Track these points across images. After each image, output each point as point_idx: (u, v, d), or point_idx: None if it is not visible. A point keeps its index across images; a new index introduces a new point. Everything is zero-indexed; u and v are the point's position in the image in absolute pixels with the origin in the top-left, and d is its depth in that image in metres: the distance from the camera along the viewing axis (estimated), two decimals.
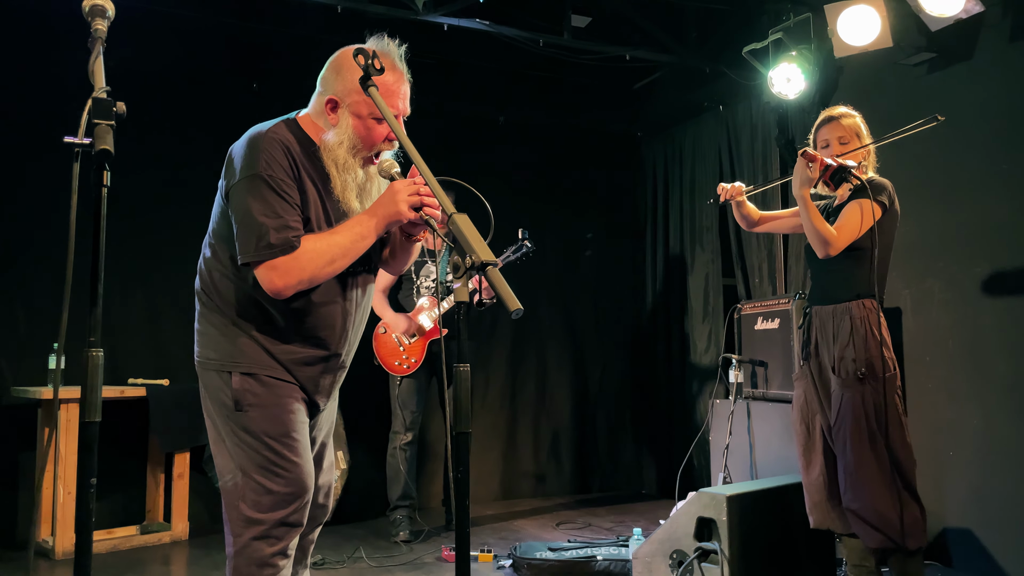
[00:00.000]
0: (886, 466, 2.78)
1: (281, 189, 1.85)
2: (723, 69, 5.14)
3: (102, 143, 1.21)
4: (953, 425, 3.84)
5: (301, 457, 1.93)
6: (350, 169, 1.94)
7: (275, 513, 1.88)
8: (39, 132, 4.27)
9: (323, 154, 1.94)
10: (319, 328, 1.97)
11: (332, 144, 1.94)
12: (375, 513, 4.99)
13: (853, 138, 3.03)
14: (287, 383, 1.95)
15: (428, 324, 4.49)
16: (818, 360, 3.02)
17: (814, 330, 3.04)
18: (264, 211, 1.82)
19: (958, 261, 3.90)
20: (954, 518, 3.81)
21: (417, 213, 1.86)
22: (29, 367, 4.35)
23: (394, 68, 1.95)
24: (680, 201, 6.00)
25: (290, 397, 1.95)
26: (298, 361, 1.96)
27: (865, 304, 2.90)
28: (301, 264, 1.83)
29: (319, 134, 1.96)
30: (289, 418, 1.93)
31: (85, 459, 1.22)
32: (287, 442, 1.91)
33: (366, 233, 1.88)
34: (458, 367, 1.48)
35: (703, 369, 5.63)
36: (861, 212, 2.88)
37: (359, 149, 1.95)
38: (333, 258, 1.87)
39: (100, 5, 1.60)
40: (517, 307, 1.38)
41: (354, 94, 1.91)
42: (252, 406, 1.90)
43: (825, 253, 2.90)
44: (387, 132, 1.94)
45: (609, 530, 4.66)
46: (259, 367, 1.92)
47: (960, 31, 3.84)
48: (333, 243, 1.87)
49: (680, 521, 3.24)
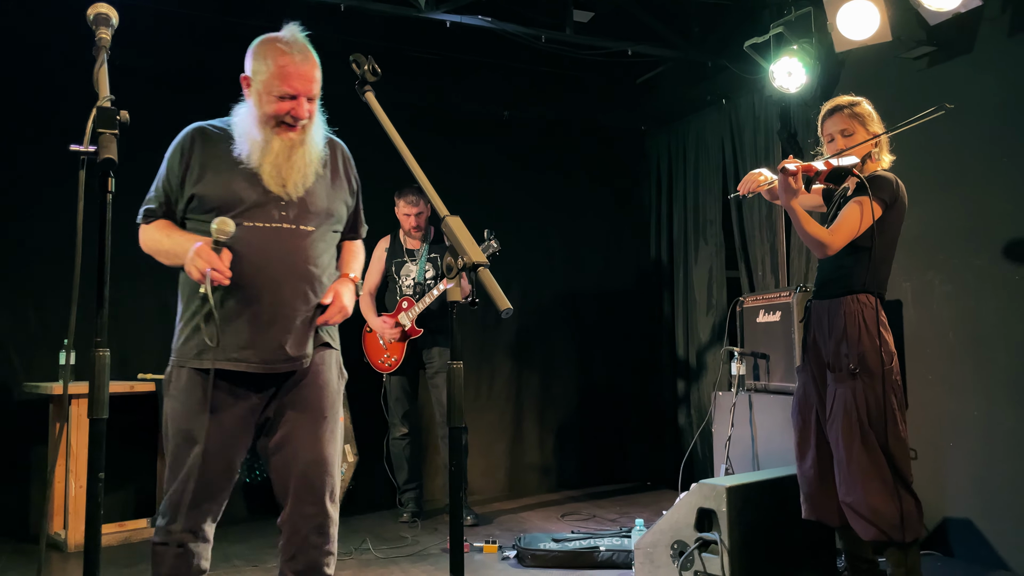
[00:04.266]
0: (880, 460, 2.79)
1: (165, 171, 2.24)
2: (725, 63, 5.16)
3: (106, 152, 1.26)
4: (954, 416, 3.87)
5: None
6: (257, 137, 2.18)
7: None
8: (49, 131, 4.34)
9: (233, 127, 2.23)
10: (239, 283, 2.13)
11: (238, 118, 2.25)
12: (382, 505, 5.05)
13: (858, 129, 2.97)
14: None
15: (407, 324, 4.67)
16: (816, 354, 3.04)
17: (812, 324, 3.07)
18: (152, 186, 2.28)
19: (958, 254, 3.92)
20: (955, 508, 3.84)
21: (193, 277, 2.05)
22: (40, 363, 4.42)
23: (286, 53, 2.17)
24: (684, 194, 6.03)
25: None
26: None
27: (860, 299, 2.89)
28: (144, 240, 2.26)
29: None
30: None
31: (94, 455, 1.27)
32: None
33: (179, 254, 2.14)
34: (451, 364, 1.52)
35: (707, 361, 5.66)
36: (861, 211, 2.84)
37: (264, 121, 2.19)
38: (155, 251, 2.23)
39: (104, 14, 1.65)
40: (507, 307, 1.42)
41: (259, 74, 2.17)
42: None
43: (823, 254, 2.90)
44: (289, 108, 2.17)
45: (613, 521, 4.71)
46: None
47: (959, 25, 3.85)
48: (158, 241, 2.22)
49: (681, 512, 3.28)
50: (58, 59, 4.49)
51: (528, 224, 5.88)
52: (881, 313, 2.91)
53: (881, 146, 3.02)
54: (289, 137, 2.19)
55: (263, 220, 2.17)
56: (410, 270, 4.77)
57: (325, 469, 2.27)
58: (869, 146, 2.97)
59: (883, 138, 3.02)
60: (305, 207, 2.24)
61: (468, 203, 5.01)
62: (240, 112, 2.25)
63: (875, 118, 3.03)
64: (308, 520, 2.23)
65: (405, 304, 4.71)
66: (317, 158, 2.26)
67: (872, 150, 2.98)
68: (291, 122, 2.18)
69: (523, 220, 5.85)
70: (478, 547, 4.10)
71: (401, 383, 4.80)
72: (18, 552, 4.06)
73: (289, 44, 2.17)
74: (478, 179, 5.59)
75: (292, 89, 2.15)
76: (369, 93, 1.84)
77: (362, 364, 4.86)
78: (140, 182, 2.34)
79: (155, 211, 2.24)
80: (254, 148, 2.18)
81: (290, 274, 2.19)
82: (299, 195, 2.22)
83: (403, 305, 4.72)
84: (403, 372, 4.77)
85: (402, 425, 4.80)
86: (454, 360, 1.53)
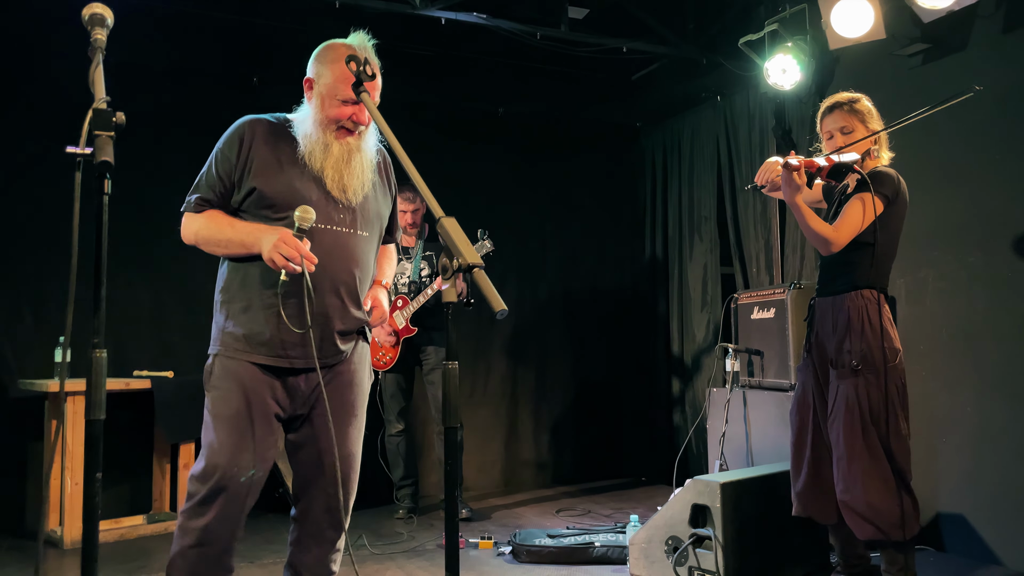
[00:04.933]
0: (880, 458, 2.78)
1: (217, 160, 2.21)
2: (720, 60, 5.17)
3: (103, 154, 1.26)
4: (946, 412, 3.89)
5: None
6: (317, 139, 2.21)
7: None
8: (46, 132, 4.34)
9: (294, 126, 2.25)
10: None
11: (300, 118, 2.26)
12: (377, 501, 5.07)
13: (858, 126, 2.96)
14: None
15: (400, 323, 4.69)
16: (820, 351, 3.02)
17: (816, 322, 3.05)
18: (201, 174, 2.24)
19: (952, 250, 3.94)
20: (947, 503, 3.87)
21: (275, 265, 2.06)
22: (36, 360, 4.42)
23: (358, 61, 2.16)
24: (679, 191, 6.04)
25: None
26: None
27: (864, 295, 2.88)
28: (192, 228, 2.21)
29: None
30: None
31: (91, 456, 1.28)
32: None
33: (249, 243, 2.13)
34: (447, 364, 1.53)
35: (701, 358, 5.68)
36: (863, 207, 2.83)
37: (326, 124, 2.21)
38: (210, 241, 2.19)
39: (100, 14, 1.64)
40: (502, 308, 1.43)
41: (324, 78, 2.21)
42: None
43: (827, 251, 2.89)
44: (351, 112, 2.20)
45: (608, 517, 4.73)
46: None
47: (953, 22, 3.86)
48: (218, 230, 2.18)
49: (675, 508, 3.30)
50: (58, 59, 4.48)
51: (523, 220, 5.89)
52: (885, 309, 2.89)
53: (881, 143, 3.01)
54: (347, 142, 2.23)
55: (324, 222, 2.20)
56: (405, 268, 4.78)
57: (353, 465, 2.34)
58: (869, 143, 2.95)
59: (883, 135, 3.01)
60: (362, 213, 2.29)
61: (463, 200, 5.05)
62: (302, 114, 2.27)
63: (875, 115, 3.02)
64: (330, 514, 2.27)
65: (400, 303, 4.73)
66: (372, 164, 2.31)
67: (872, 147, 2.97)
68: (351, 127, 2.22)
69: (518, 216, 5.85)
70: (473, 543, 4.11)
71: (396, 380, 4.81)
72: (14, 549, 4.06)
73: (356, 51, 2.17)
74: (473, 176, 5.59)
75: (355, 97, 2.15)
76: (365, 94, 1.84)
77: None
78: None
79: (210, 200, 2.21)
80: (315, 150, 2.20)
81: (344, 275, 2.24)
82: (358, 201, 2.27)
83: (397, 304, 4.73)
84: (398, 369, 4.78)
85: (397, 422, 4.82)
86: (449, 360, 1.54)
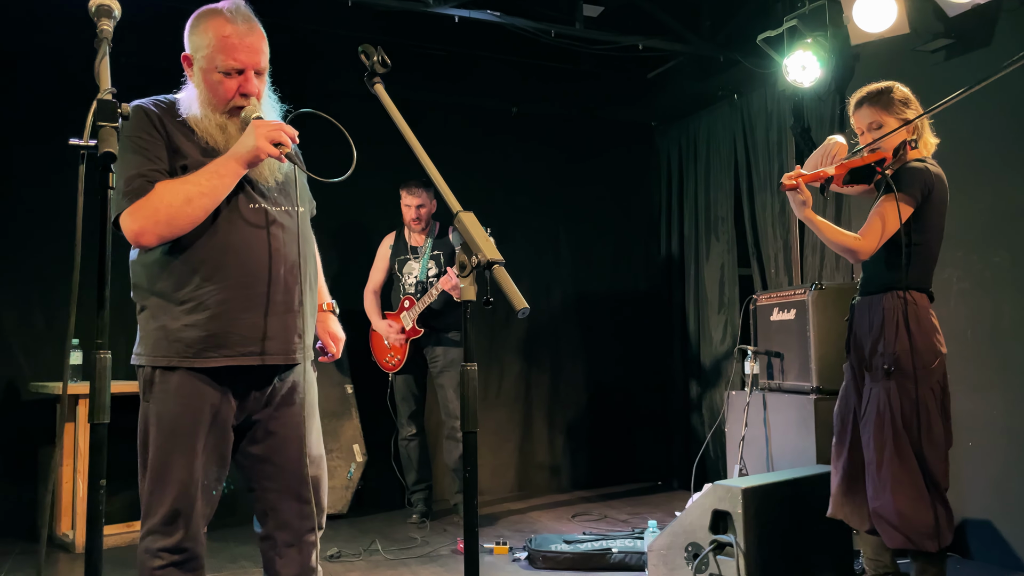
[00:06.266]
0: (911, 465, 2.67)
1: (137, 145, 1.89)
2: (737, 58, 5.09)
3: (106, 146, 1.21)
4: (973, 416, 3.80)
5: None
6: (210, 120, 1.97)
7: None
8: (59, 126, 4.31)
9: (180, 109, 1.98)
10: (242, 272, 1.95)
11: (185, 99, 1.99)
12: (391, 505, 5.01)
13: (887, 119, 2.80)
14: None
15: (408, 324, 4.63)
16: (858, 353, 2.90)
17: (855, 322, 2.93)
18: (124, 170, 1.87)
19: (976, 250, 3.85)
20: (973, 509, 3.78)
21: (276, 149, 1.87)
22: (48, 362, 4.40)
23: (232, 22, 1.96)
24: (695, 191, 5.97)
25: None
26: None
27: (900, 295, 2.75)
28: (154, 204, 1.85)
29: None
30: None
31: (95, 460, 1.23)
32: None
33: (224, 171, 1.89)
34: (464, 366, 1.47)
35: (719, 360, 5.60)
36: (889, 211, 2.70)
37: (214, 104, 1.98)
38: (188, 196, 1.85)
39: (107, 5, 1.60)
40: (523, 306, 1.37)
41: (201, 50, 1.96)
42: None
43: (856, 260, 2.80)
44: (237, 85, 1.96)
45: (625, 522, 4.66)
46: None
47: (978, 16, 3.77)
48: (187, 181, 1.88)
49: (695, 514, 3.23)
50: (66, 59, 4.46)
51: (537, 220, 5.84)
52: (922, 309, 2.76)
53: (921, 130, 2.85)
54: (238, 122, 2.00)
55: (251, 203, 1.98)
56: (412, 268, 4.71)
57: (323, 467, 2.16)
58: (902, 135, 2.79)
59: (921, 121, 2.84)
60: (285, 189, 2.07)
61: (476, 199, 4.96)
62: (186, 98, 2.00)
63: (911, 102, 2.84)
64: (307, 520, 2.08)
65: (407, 303, 4.66)
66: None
67: (909, 137, 2.80)
68: (242, 103, 1.98)
69: (532, 216, 5.80)
70: (488, 548, 4.05)
71: (407, 383, 4.74)
72: (26, 553, 4.03)
73: (232, 13, 1.96)
74: (485, 176, 5.54)
75: (238, 62, 1.95)
76: (378, 85, 1.79)
77: (370, 363, 4.82)
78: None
79: (159, 174, 1.90)
80: (215, 134, 1.97)
81: (288, 258, 2.01)
82: (278, 180, 2.05)
83: (404, 304, 4.67)
84: (408, 371, 4.72)
85: (409, 425, 4.75)
86: (468, 362, 1.47)
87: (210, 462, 1.98)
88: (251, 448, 2.07)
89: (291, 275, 2.01)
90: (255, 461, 2.07)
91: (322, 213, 2.33)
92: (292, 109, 2.12)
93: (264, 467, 2.07)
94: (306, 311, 2.06)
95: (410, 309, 4.64)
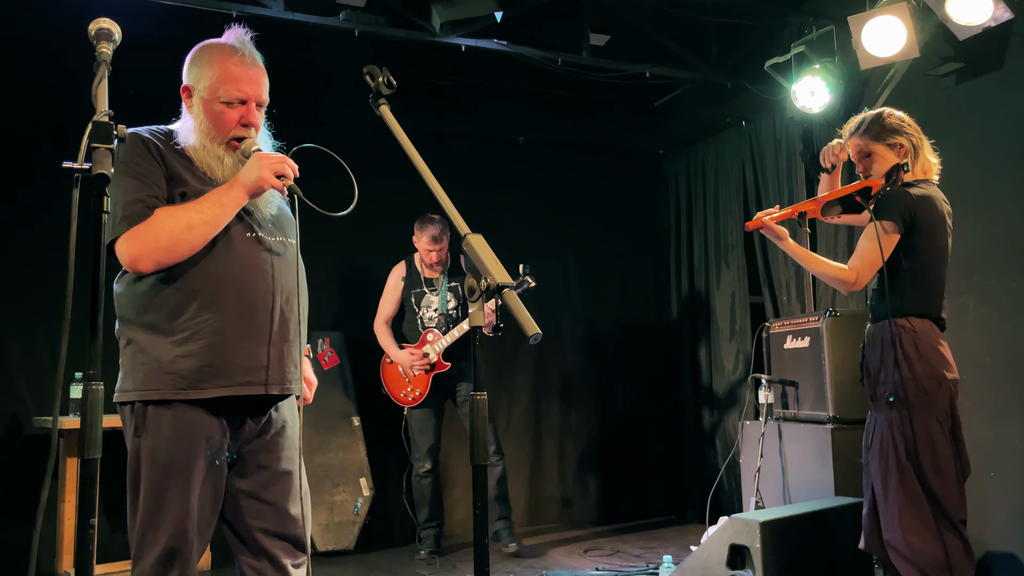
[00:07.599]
0: (918, 497, 2.58)
1: (135, 171, 1.88)
2: (745, 84, 5.07)
3: (100, 167, 1.17)
4: (994, 445, 3.70)
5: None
6: (208, 151, 1.98)
7: None
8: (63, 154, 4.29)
9: (179, 140, 1.99)
10: (240, 300, 1.92)
11: (183, 131, 2.00)
12: (398, 541, 4.91)
13: (875, 146, 2.77)
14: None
15: (433, 356, 4.53)
16: (868, 380, 2.81)
17: (864, 351, 2.85)
18: (122, 195, 1.85)
19: (993, 275, 3.78)
20: (997, 542, 3.67)
21: (279, 181, 1.87)
22: (52, 397, 4.34)
23: (237, 54, 2.00)
24: (704, 218, 5.92)
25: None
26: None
27: (899, 323, 2.67)
28: (154, 230, 1.83)
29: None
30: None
31: (85, 498, 1.16)
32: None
33: (226, 200, 1.89)
34: (475, 395, 1.41)
35: (731, 389, 5.51)
36: (872, 240, 2.65)
37: (214, 135, 1.99)
38: (190, 223, 1.84)
39: (107, 29, 1.58)
40: (536, 332, 1.32)
41: (203, 80, 1.98)
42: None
43: (847, 291, 2.74)
44: (239, 116, 1.98)
45: (638, 557, 4.54)
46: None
47: (989, 39, 3.74)
48: (188, 208, 1.87)
49: (712, 548, 3.14)
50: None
51: (545, 250, 5.79)
52: (924, 336, 2.67)
53: (918, 151, 2.81)
54: (238, 156, 2.01)
55: (248, 232, 1.98)
56: (431, 301, 4.64)
57: (309, 503, 2.09)
58: (895, 159, 2.75)
59: (919, 143, 2.80)
60: (279, 222, 2.08)
61: (484, 229, 4.94)
62: (184, 128, 2.01)
63: (900, 128, 2.79)
64: (294, 555, 2.00)
65: (431, 336, 4.58)
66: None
67: (902, 161, 2.73)
68: (242, 135, 1.99)
69: (540, 246, 5.75)
70: None
71: (425, 416, 4.62)
72: None
73: (236, 48, 2.01)
74: (493, 205, 5.51)
75: (242, 92, 1.98)
76: (384, 107, 1.75)
77: (380, 397, 4.74)
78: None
79: (157, 201, 1.89)
80: (213, 164, 1.97)
81: (285, 287, 2.00)
82: (272, 213, 2.06)
83: (428, 337, 4.59)
84: (427, 405, 4.61)
85: (426, 460, 4.62)
86: (477, 391, 1.41)
87: (205, 496, 1.91)
88: (240, 483, 1.99)
89: (287, 305, 2.00)
90: (243, 496, 1.99)
91: (325, 243, 2.29)
92: (286, 146, 2.11)
93: (252, 504, 1.99)
94: (301, 341, 2.04)
95: (435, 342, 4.56)
